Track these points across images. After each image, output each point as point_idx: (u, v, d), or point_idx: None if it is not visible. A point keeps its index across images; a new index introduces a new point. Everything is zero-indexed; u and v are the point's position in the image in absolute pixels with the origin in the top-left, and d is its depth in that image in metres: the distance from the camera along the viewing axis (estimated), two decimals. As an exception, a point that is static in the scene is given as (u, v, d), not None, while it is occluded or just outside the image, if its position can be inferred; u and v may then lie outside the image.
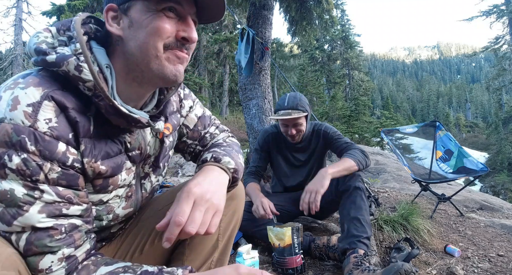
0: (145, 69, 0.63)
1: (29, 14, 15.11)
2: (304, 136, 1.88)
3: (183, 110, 0.86)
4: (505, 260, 1.75)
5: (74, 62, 0.56)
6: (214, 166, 0.76)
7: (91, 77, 0.57)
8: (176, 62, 0.65)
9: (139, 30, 0.61)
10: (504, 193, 14.46)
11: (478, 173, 2.71)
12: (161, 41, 0.61)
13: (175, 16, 0.63)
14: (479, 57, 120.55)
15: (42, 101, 0.55)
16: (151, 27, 0.61)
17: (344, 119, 16.32)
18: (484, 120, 53.60)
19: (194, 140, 0.89)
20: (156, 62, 0.62)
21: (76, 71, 0.56)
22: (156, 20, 0.61)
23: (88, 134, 0.60)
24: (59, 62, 0.56)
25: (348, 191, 1.58)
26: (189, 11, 0.65)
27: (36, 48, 0.58)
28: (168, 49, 0.63)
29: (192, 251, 0.83)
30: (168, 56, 0.63)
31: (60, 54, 0.57)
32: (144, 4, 0.61)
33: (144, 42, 0.61)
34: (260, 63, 3.79)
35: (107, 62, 0.63)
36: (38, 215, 0.53)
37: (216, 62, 19.36)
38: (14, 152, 0.52)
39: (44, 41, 0.59)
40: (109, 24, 0.63)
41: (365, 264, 1.32)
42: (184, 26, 0.64)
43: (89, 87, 0.57)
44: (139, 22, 0.61)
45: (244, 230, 1.73)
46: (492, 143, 24.14)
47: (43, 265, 0.54)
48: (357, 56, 23.70)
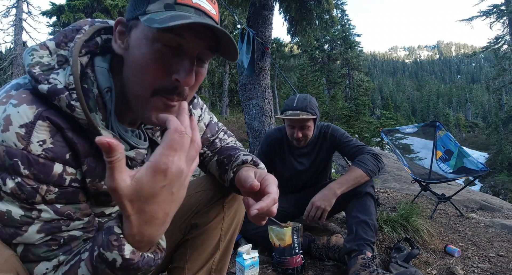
0: (132, 103, 0.58)
1: (29, 14, 15.11)
2: (310, 141, 1.80)
3: None
4: (505, 260, 1.75)
5: (65, 99, 0.52)
6: (253, 169, 0.75)
7: (84, 116, 0.53)
8: (162, 110, 0.56)
9: (133, 60, 0.55)
10: (504, 193, 14.46)
11: (478, 173, 2.71)
12: (150, 83, 0.54)
13: (174, 51, 0.53)
14: (479, 57, 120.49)
15: (36, 121, 0.50)
16: (143, 63, 0.53)
17: (344, 119, 16.32)
18: (484, 120, 53.66)
19: (202, 146, 0.88)
20: (141, 104, 0.56)
21: (68, 109, 0.52)
22: (149, 55, 0.53)
23: (90, 153, 0.57)
24: (50, 96, 0.52)
25: (358, 196, 1.56)
26: (195, 45, 0.54)
27: (29, 72, 0.53)
28: (157, 94, 0.55)
29: (194, 251, 0.83)
30: (156, 105, 0.56)
31: (52, 86, 0.52)
32: (143, 28, 0.53)
33: (135, 76, 0.55)
34: (260, 63, 3.80)
35: (108, 84, 0.58)
36: (36, 234, 0.52)
37: (216, 62, 19.38)
38: (7, 175, 0.49)
39: (39, 63, 0.54)
40: (114, 40, 0.58)
41: (372, 267, 1.32)
42: (179, 65, 0.54)
43: (83, 123, 0.54)
44: (134, 50, 0.54)
45: (244, 231, 1.72)
46: (492, 143, 24.15)
47: (38, 272, 0.53)
48: (357, 56, 23.71)
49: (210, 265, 0.84)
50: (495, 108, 26.14)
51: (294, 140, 1.77)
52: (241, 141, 2.24)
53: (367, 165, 1.59)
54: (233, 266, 1.52)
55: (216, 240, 0.84)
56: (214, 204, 0.83)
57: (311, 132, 1.75)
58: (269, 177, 0.68)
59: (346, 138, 1.80)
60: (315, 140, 1.84)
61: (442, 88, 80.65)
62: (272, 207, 0.61)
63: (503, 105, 24.81)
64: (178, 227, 0.83)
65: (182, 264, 0.82)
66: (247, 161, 0.78)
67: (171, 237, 0.83)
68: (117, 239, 0.46)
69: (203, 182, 0.87)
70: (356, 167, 1.59)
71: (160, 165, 0.43)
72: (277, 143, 1.88)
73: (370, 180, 1.61)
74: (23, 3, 15.00)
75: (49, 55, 0.56)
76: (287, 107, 1.71)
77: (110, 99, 0.58)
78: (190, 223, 0.83)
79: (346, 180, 1.56)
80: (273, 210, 0.62)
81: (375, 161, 1.62)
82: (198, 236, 0.83)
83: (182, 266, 0.82)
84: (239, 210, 0.88)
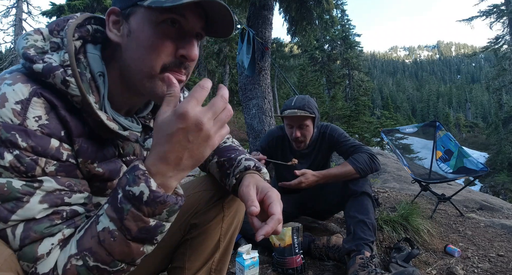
0: (138, 84, 0.60)
1: (29, 14, 15.13)
2: (310, 142, 1.81)
3: None
4: (505, 260, 1.75)
5: (60, 75, 0.53)
6: (257, 175, 0.75)
7: (79, 93, 0.54)
8: None
9: (136, 43, 0.57)
10: (504, 193, 14.46)
11: (478, 173, 2.71)
12: (159, 60, 0.57)
13: (177, 30, 0.58)
14: (479, 57, 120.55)
15: (31, 98, 0.52)
16: (148, 43, 0.57)
17: (344, 119, 16.33)
18: (484, 120, 53.65)
19: None
20: (150, 81, 0.59)
21: (63, 86, 0.53)
22: (155, 35, 0.56)
23: (83, 134, 0.57)
24: (45, 74, 0.53)
25: (355, 195, 1.56)
26: (194, 25, 0.59)
27: (23, 54, 0.54)
28: (165, 71, 0.58)
29: (194, 251, 0.83)
30: (164, 78, 0.57)
31: (47, 64, 0.53)
32: (144, 13, 0.57)
33: (140, 58, 0.58)
34: (260, 63, 3.79)
35: (100, 69, 0.60)
36: (39, 205, 0.50)
37: (216, 62, 19.38)
38: (5, 149, 0.48)
39: (33, 46, 0.56)
40: (109, 29, 0.59)
41: (371, 267, 1.32)
42: (183, 42, 0.59)
43: (77, 101, 0.55)
44: (137, 34, 0.57)
45: (244, 232, 1.72)
46: (492, 143, 24.16)
47: (42, 250, 0.51)
48: (357, 56, 23.69)
49: (210, 265, 0.84)
50: (495, 108, 26.15)
51: (294, 141, 1.77)
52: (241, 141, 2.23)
53: (359, 162, 1.60)
54: (233, 266, 1.52)
55: (216, 240, 0.84)
56: (214, 204, 0.83)
57: (310, 132, 1.75)
58: (272, 193, 0.66)
59: (344, 138, 1.80)
60: (315, 140, 1.84)
61: (442, 88, 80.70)
62: (278, 227, 0.62)
63: (503, 105, 24.78)
64: (178, 226, 0.83)
65: (182, 264, 0.82)
66: (249, 167, 0.77)
67: (171, 237, 0.83)
68: (144, 174, 0.49)
69: (202, 181, 0.87)
70: (347, 162, 1.63)
71: (181, 108, 0.47)
72: (278, 141, 1.89)
73: (366, 179, 1.62)
74: (23, 3, 15.01)
75: (42, 40, 0.58)
76: (286, 107, 1.73)
77: (103, 84, 0.60)
78: (190, 222, 0.82)
79: (333, 172, 1.63)
80: (278, 229, 0.62)
81: (369, 160, 1.62)
82: (198, 236, 0.82)
83: (182, 266, 0.82)
84: (239, 210, 0.88)
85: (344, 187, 1.61)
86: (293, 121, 1.72)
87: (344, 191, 1.61)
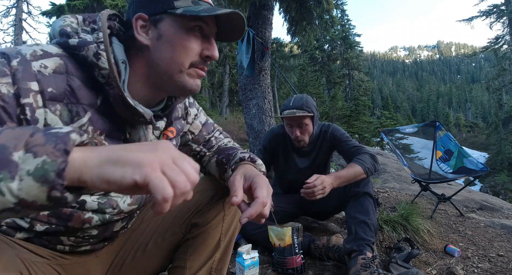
0: (167, 80, 0.67)
1: (29, 14, 15.13)
2: (311, 140, 1.82)
3: (189, 117, 0.89)
4: (505, 260, 1.75)
5: (94, 49, 0.59)
6: (251, 166, 0.79)
7: (107, 66, 0.59)
8: (196, 77, 0.69)
9: (168, 45, 0.65)
10: (504, 193, 14.46)
11: (478, 173, 2.71)
12: (188, 59, 0.66)
13: (200, 35, 0.67)
14: (479, 57, 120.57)
15: (54, 55, 0.57)
16: (180, 45, 0.65)
17: (344, 119, 16.35)
18: (484, 120, 53.62)
19: (198, 143, 0.92)
20: (180, 75, 0.67)
21: (94, 58, 0.58)
22: (186, 39, 0.65)
23: (94, 106, 0.61)
24: (80, 46, 0.58)
25: (357, 195, 1.56)
26: (213, 30, 0.69)
27: (61, 30, 0.61)
28: (192, 67, 0.67)
29: (194, 250, 0.83)
30: (191, 72, 0.68)
31: (83, 39, 0.59)
32: (175, 21, 0.65)
33: (171, 57, 0.65)
34: (260, 63, 3.79)
35: (123, 58, 0.65)
36: None
37: (216, 62, 19.38)
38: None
39: (70, 25, 0.63)
40: (137, 32, 0.65)
41: (373, 267, 1.32)
42: (207, 44, 0.69)
43: (103, 74, 0.60)
44: (168, 37, 0.65)
45: (244, 232, 1.72)
46: (492, 143, 24.14)
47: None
48: (357, 56, 23.71)
49: (210, 265, 0.84)
50: (495, 108, 26.13)
51: (294, 140, 1.79)
52: (241, 141, 2.23)
53: (365, 162, 1.61)
54: (233, 266, 1.52)
55: (216, 240, 0.84)
56: (214, 203, 0.84)
57: (309, 130, 1.77)
58: (258, 179, 0.69)
59: (346, 138, 1.82)
60: (316, 138, 1.86)
61: (442, 88, 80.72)
62: (263, 210, 0.64)
63: (503, 105, 24.79)
64: (179, 226, 0.83)
65: (182, 263, 0.83)
66: (244, 158, 0.81)
67: (171, 237, 0.83)
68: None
69: (203, 181, 0.87)
70: (355, 163, 1.61)
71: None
72: (280, 139, 1.91)
73: (368, 179, 1.62)
74: (23, 3, 15.02)
75: (77, 24, 0.65)
76: (284, 107, 1.76)
77: (125, 71, 0.65)
78: (191, 222, 0.83)
79: (344, 174, 1.57)
80: (265, 212, 0.65)
81: (372, 161, 1.64)
82: (198, 236, 0.83)
83: (183, 265, 0.82)
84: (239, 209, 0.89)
85: (345, 188, 1.61)
86: (292, 121, 1.74)
87: (345, 192, 1.61)
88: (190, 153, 0.92)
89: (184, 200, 0.45)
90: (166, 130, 0.79)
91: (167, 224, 0.84)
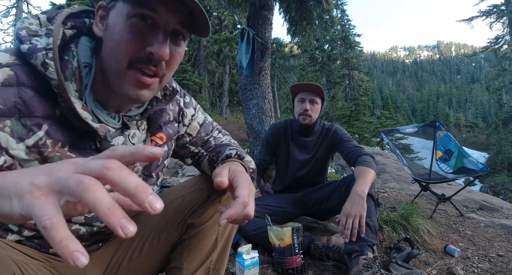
0: (110, 79, 0.59)
1: (29, 14, 15.12)
2: (315, 128, 1.91)
3: (185, 119, 0.84)
4: (505, 260, 1.75)
5: (41, 57, 0.53)
6: (238, 162, 0.76)
7: (56, 76, 0.54)
8: (137, 87, 0.58)
9: (111, 37, 0.57)
10: (504, 193, 14.44)
11: (478, 173, 2.71)
12: (126, 55, 0.56)
13: (149, 26, 0.56)
14: (479, 57, 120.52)
15: (3, 66, 0.52)
16: (118, 37, 0.55)
17: (344, 119, 16.34)
18: (484, 120, 53.63)
19: (196, 145, 0.88)
20: (118, 78, 0.58)
21: (42, 68, 0.53)
22: (124, 29, 0.55)
23: (52, 117, 0.56)
24: (29, 54, 0.54)
25: None
26: (169, 20, 0.56)
27: (15, 33, 0.56)
28: (132, 67, 0.57)
29: (191, 251, 0.82)
30: (131, 77, 0.57)
31: (33, 45, 0.54)
32: (121, 7, 0.56)
33: (111, 52, 0.57)
34: (260, 63, 3.79)
35: (87, 60, 0.60)
36: None
37: (216, 62, 19.40)
38: None
39: (27, 28, 0.57)
40: (95, 23, 0.60)
41: (375, 267, 1.31)
42: (154, 39, 0.56)
43: (54, 85, 0.54)
44: (111, 27, 0.57)
45: (243, 232, 1.72)
46: (492, 143, 24.12)
47: None
48: (357, 56, 23.73)
49: (207, 265, 0.83)
50: (495, 108, 26.13)
51: (302, 114, 1.85)
52: (241, 141, 2.21)
53: (373, 164, 1.62)
54: (233, 266, 1.52)
55: (213, 240, 0.83)
56: (210, 203, 0.82)
57: (317, 111, 1.87)
58: (240, 177, 0.63)
59: (348, 138, 1.86)
60: (319, 133, 1.92)
61: (442, 89, 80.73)
62: (246, 210, 0.59)
63: (503, 105, 24.77)
64: (175, 227, 0.82)
65: (179, 264, 0.81)
66: (231, 155, 0.78)
67: (168, 237, 0.82)
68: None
69: (198, 181, 0.86)
70: (366, 167, 1.59)
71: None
72: (282, 131, 1.98)
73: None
74: (23, 3, 15.02)
75: (38, 25, 0.59)
76: (300, 83, 1.92)
77: (88, 75, 0.60)
78: (187, 222, 0.81)
79: (365, 180, 1.51)
80: (249, 213, 0.59)
81: (375, 162, 1.66)
82: (194, 236, 0.81)
83: (179, 266, 0.81)
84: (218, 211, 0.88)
85: (347, 189, 1.61)
86: (306, 93, 1.86)
87: (346, 192, 1.61)
88: (188, 155, 0.90)
89: None
90: (155, 137, 0.75)
91: (163, 225, 0.82)
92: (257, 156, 2.02)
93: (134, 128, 0.70)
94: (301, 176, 1.96)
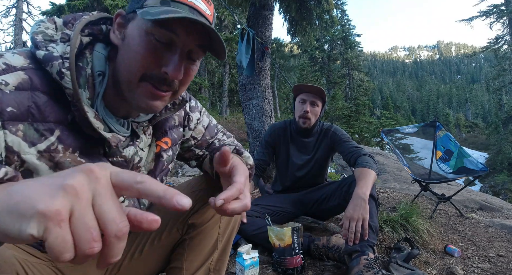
0: (123, 88, 0.60)
1: (29, 14, 15.13)
2: (315, 129, 1.91)
3: (191, 123, 0.85)
4: (505, 260, 1.75)
5: (57, 66, 0.53)
6: (236, 156, 0.76)
7: (71, 86, 0.54)
8: (150, 98, 0.58)
9: (127, 48, 0.57)
10: (504, 193, 14.45)
11: (478, 173, 2.71)
12: (139, 69, 0.56)
13: (166, 45, 0.56)
14: (479, 57, 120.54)
15: (18, 69, 0.52)
16: (134, 50, 0.56)
17: (344, 119, 16.33)
18: (484, 120, 53.70)
19: (201, 148, 0.89)
20: (129, 88, 0.58)
21: (58, 76, 0.53)
22: (142, 44, 0.55)
23: (64, 122, 0.56)
24: (45, 61, 0.53)
25: None
26: (186, 42, 0.57)
27: (31, 38, 0.55)
28: (145, 81, 0.57)
29: (192, 251, 0.82)
30: (142, 89, 0.57)
31: (49, 53, 0.54)
32: (140, 21, 0.56)
33: (127, 63, 0.57)
34: (260, 63, 3.79)
35: (101, 69, 0.60)
36: None
37: (216, 62, 19.38)
38: None
39: (42, 32, 0.56)
40: (113, 30, 0.60)
41: (376, 268, 1.32)
42: (169, 59, 0.56)
43: (68, 94, 0.55)
44: (129, 39, 0.57)
45: (243, 232, 1.72)
46: (492, 143, 24.14)
47: None
48: (357, 56, 23.75)
49: (208, 265, 0.84)
50: (495, 108, 26.15)
51: (301, 117, 1.85)
52: (241, 141, 2.23)
53: (373, 165, 1.61)
54: (233, 266, 1.52)
55: (214, 240, 0.84)
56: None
57: (317, 113, 1.87)
58: (239, 168, 0.64)
59: (347, 138, 1.86)
60: (318, 134, 1.92)
61: (442, 89, 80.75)
62: (244, 201, 0.57)
63: (503, 105, 24.80)
64: (176, 227, 0.82)
65: (180, 264, 0.82)
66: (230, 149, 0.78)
67: (168, 238, 0.83)
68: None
69: (199, 181, 0.87)
70: (367, 168, 1.58)
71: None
72: (281, 132, 1.98)
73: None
74: (23, 3, 15.02)
75: (54, 29, 0.58)
76: (302, 84, 1.91)
77: (101, 83, 0.60)
78: (188, 223, 0.82)
79: (366, 181, 1.51)
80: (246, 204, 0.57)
81: (375, 162, 1.66)
82: (195, 236, 0.82)
83: (180, 266, 0.82)
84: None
85: (348, 189, 1.61)
86: (308, 95, 1.85)
87: (347, 193, 1.61)
88: (193, 157, 0.90)
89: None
90: (160, 141, 0.76)
91: (164, 225, 0.82)
92: (256, 156, 2.02)
93: (141, 133, 0.70)
94: (301, 177, 1.96)
